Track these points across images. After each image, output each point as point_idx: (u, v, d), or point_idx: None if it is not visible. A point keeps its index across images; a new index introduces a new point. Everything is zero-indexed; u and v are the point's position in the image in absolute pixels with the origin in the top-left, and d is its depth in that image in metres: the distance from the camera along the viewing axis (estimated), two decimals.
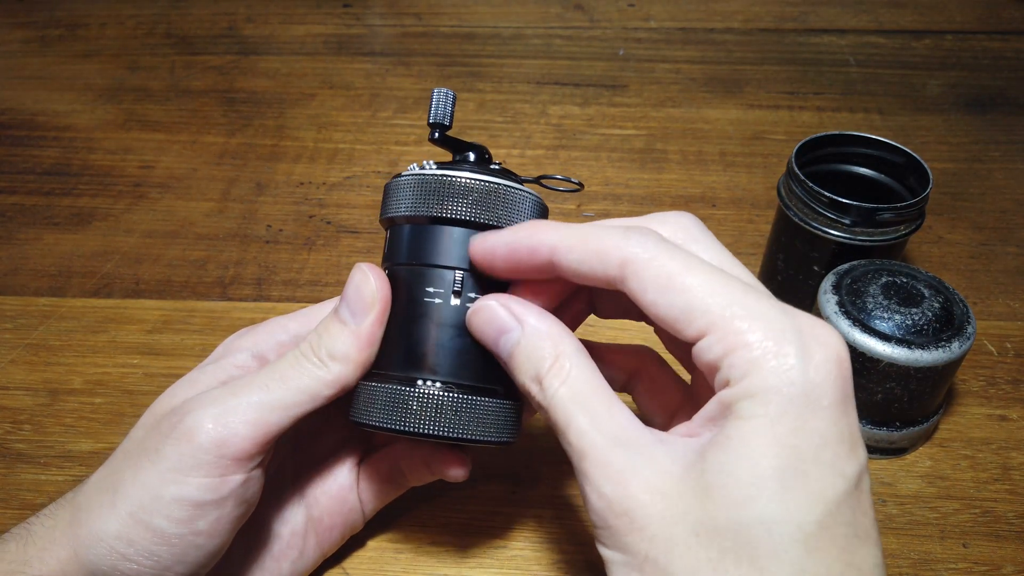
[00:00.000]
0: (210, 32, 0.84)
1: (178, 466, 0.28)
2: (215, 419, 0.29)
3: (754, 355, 0.24)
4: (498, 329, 0.30)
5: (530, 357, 0.29)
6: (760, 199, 0.62)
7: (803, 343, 0.24)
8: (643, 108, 0.73)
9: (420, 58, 0.80)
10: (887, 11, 0.87)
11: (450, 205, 0.31)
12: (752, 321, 0.25)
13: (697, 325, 0.25)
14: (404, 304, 0.32)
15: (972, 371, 0.49)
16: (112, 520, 0.28)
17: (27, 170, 0.66)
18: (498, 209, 0.32)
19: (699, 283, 0.26)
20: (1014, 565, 0.39)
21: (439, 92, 0.34)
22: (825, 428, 0.24)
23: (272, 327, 0.36)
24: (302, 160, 0.66)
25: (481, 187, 0.31)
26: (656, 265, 0.26)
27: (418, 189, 0.32)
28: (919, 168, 0.48)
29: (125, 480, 0.29)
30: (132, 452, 0.30)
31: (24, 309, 0.53)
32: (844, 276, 0.43)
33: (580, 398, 0.27)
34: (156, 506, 0.28)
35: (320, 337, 0.31)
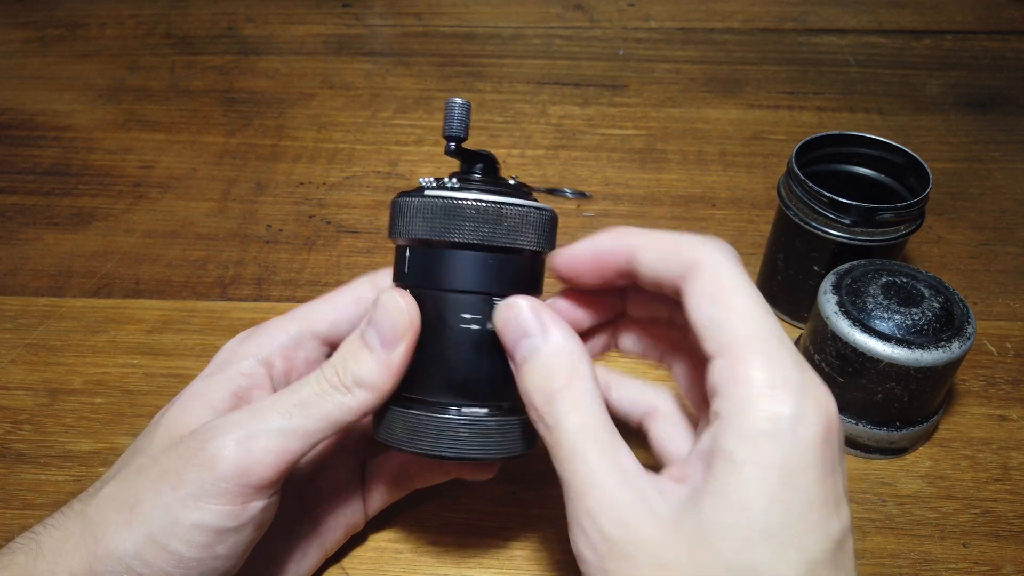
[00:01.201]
0: (210, 32, 0.84)
1: (199, 493, 0.28)
2: (237, 446, 0.28)
3: (751, 393, 0.25)
4: (521, 331, 0.29)
5: (545, 369, 0.28)
6: (760, 199, 0.62)
7: (801, 397, 0.25)
8: (643, 108, 0.73)
9: (420, 58, 0.80)
10: (887, 11, 0.87)
11: (485, 231, 0.31)
12: (764, 360, 0.25)
13: (718, 343, 0.26)
14: (436, 329, 0.31)
15: (972, 371, 0.49)
16: (129, 540, 0.28)
17: (27, 170, 0.66)
18: (533, 234, 0.32)
19: (743, 308, 0.26)
20: (1014, 565, 0.39)
21: (454, 104, 0.32)
22: (812, 488, 0.24)
23: (272, 330, 0.35)
24: (302, 160, 0.66)
25: (519, 214, 0.31)
26: (719, 273, 0.27)
27: (450, 214, 0.30)
28: (919, 168, 0.48)
29: (143, 501, 0.29)
30: (148, 470, 0.30)
31: (24, 309, 0.53)
32: (844, 276, 0.43)
33: (590, 429, 0.27)
34: (175, 530, 0.28)
35: (346, 362, 0.30)
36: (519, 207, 0.31)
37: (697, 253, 0.28)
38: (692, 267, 0.28)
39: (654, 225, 0.59)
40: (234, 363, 0.33)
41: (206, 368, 0.34)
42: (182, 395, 0.33)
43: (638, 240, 0.30)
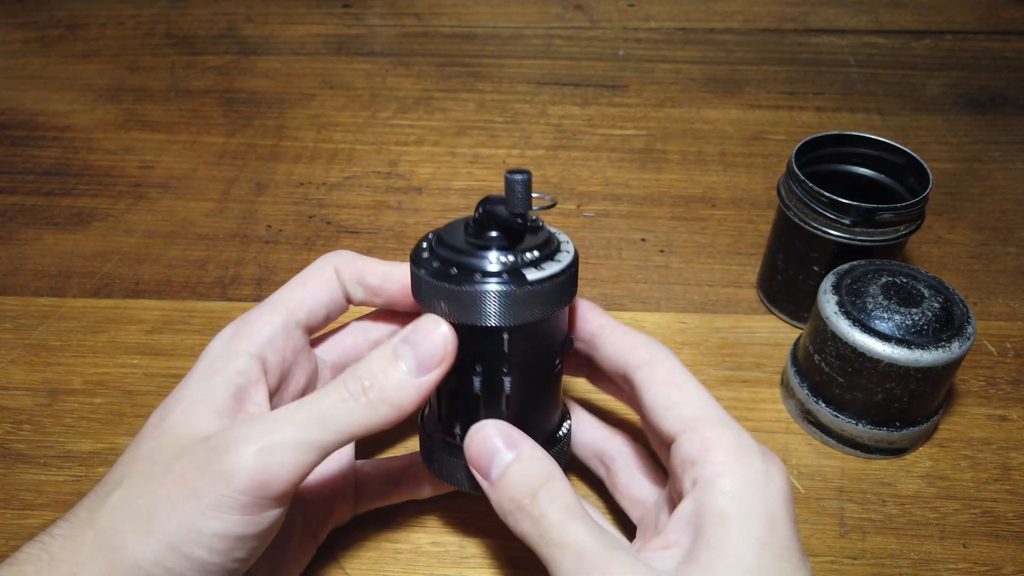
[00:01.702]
0: (210, 32, 0.84)
1: (218, 505, 0.28)
2: (255, 460, 0.28)
3: (728, 458, 0.29)
4: (493, 451, 0.32)
5: (524, 477, 0.31)
6: (760, 199, 0.62)
7: (765, 460, 0.29)
8: (643, 108, 0.73)
9: (420, 58, 0.80)
10: (887, 11, 0.87)
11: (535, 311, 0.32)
12: (730, 432, 0.30)
13: (683, 421, 0.30)
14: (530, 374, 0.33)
15: (972, 371, 0.49)
16: (149, 549, 0.28)
17: (27, 170, 0.66)
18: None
19: (699, 393, 0.31)
20: (1014, 565, 0.39)
21: (515, 179, 0.30)
22: (789, 534, 0.28)
23: (259, 324, 0.34)
24: (302, 160, 0.66)
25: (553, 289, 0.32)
26: (673, 366, 0.32)
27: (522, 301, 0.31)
28: (919, 168, 0.48)
29: (160, 510, 0.29)
30: (160, 478, 0.30)
31: (24, 309, 0.53)
32: (844, 276, 0.43)
33: (577, 513, 0.29)
34: (197, 539, 0.28)
35: (375, 376, 0.30)
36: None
37: (653, 350, 0.33)
38: (649, 360, 0.32)
39: (654, 225, 0.60)
40: (229, 362, 0.33)
41: (197, 368, 0.33)
42: (183, 399, 0.32)
43: (603, 321, 0.35)
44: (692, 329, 0.52)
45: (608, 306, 0.53)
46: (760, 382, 0.48)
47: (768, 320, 0.53)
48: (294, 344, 0.35)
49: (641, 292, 0.55)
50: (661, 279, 0.56)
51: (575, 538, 0.28)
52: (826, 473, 0.44)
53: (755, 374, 0.49)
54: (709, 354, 0.50)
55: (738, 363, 0.50)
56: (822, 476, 0.43)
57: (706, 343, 0.51)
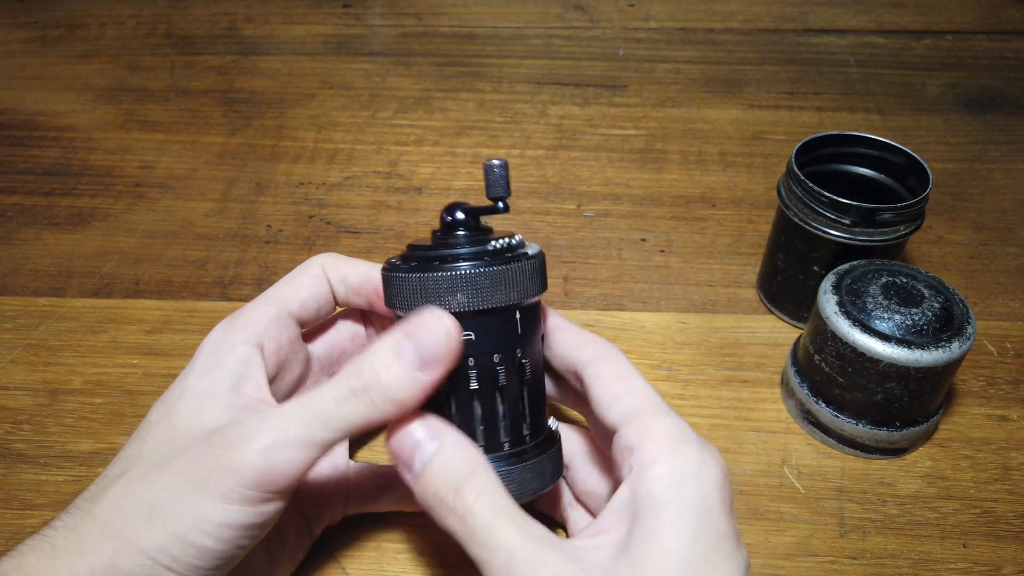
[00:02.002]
0: (210, 32, 0.84)
1: (225, 497, 0.29)
2: (261, 457, 0.29)
3: (664, 447, 0.29)
4: (415, 443, 0.31)
5: (448, 469, 0.30)
6: (760, 199, 0.62)
7: (702, 450, 0.29)
8: (643, 108, 0.73)
9: (420, 58, 0.80)
10: (887, 11, 0.87)
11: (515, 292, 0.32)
12: (671, 422, 0.30)
13: (624, 413, 0.31)
14: (492, 381, 0.33)
15: (972, 371, 0.49)
16: (155, 536, 0.29)
17: (27, 170, 0.66)
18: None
19: (640, 386, 0.32)
20: (1014, 565, 0.39)
21: (493, 164, 0.33)
22: (722, 522, 0.28)
23: (254, 315, 0.35)
24: (302, 160, 0.66)
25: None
26: (618, 362, 0.33)
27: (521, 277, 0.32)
28: (919, 168, 0.48)
29: (167, 501, 0.29)
30: (164, 469, 0.30)
31: (24, 309, 0.53)
32: (844, 276, 0.43)
33: (501, 507, 0.29)
34: (203, 528, 0.29)
35: (376, 373, 0.30)
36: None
37: (599, 348, 0.34)
38: (597, 356, 0.33)
39: (654, 225, 0.60)
40: (228, 353, 0.34)
41: (196, 361, 0.34)
42: (186, 393, 0.33)
43: (555, 321, 0.35)
44: (692, 329, 0.52)
45: (608, 306, 0.53)
46: (760, 382, 0.48)
47: (768, 320, 0.53)
48: (289, 334, 0.36)
49: (641, 292, 0.55)
50: (661, 279, 0.56)
51: (504, 538, 0.28)
52: (826, 473, 0.44)
53: (755, 374, 0.49)
54: (709, 354, 0.50)
55: (738, 363, 0.50)
56: (822, 476, 0.43)
57: (706, 343, 0.51)
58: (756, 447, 0.45)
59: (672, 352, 0.50)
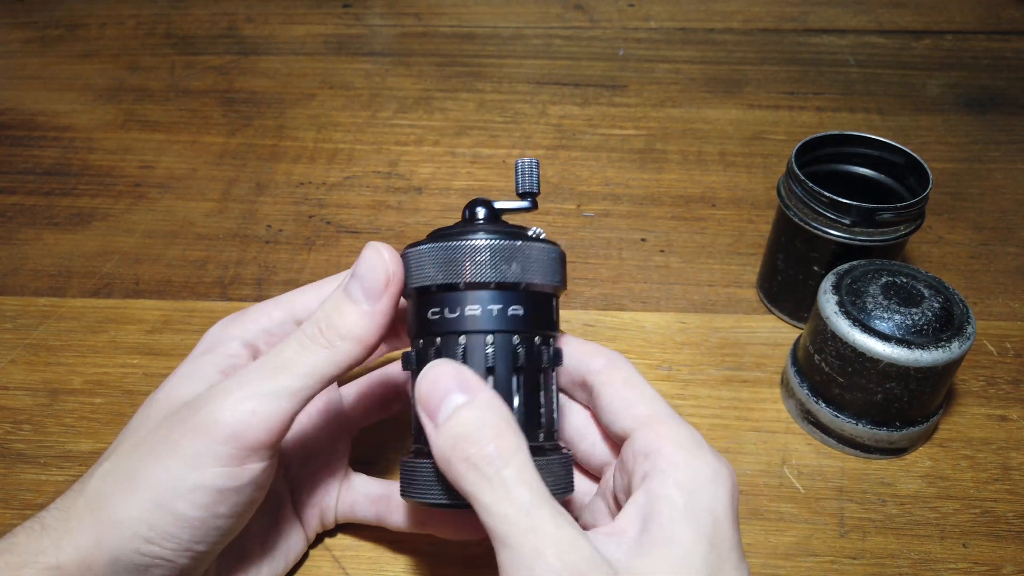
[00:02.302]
0: (210, 32, 0.84)
1: (197, 456, 0.29)
2: (230, 411, 0.29)
3: (681, 453, 0.29)
4: (444, 391, 0.28)
5: (477, 423, 0.27)
6: (760, 199, 0.62)
7: (717, 460, 0.29)
8: (643, 108, 0.73)
9: (420, 58, 0.80)
10: (887, 11, 0.87)
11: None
12: (682, 429, 0.30)
13: (638, 419, 0.31)
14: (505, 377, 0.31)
15: (972, 371, 0.49)
16: (133, 506, 0.29)
17: (27, 170, 0.66)
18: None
19: (651, 394, 0.32)
20: (1014, 565, 0.39)
21: (524, 162, 0.34)
22: (732, 533, 0.28)
23: (256, 315, 0.36)
24: (302, 160, 0.66)
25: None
26: (628, 371, 0.33)
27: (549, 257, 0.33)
28: (919, 168, 0.48)
29: (142, 468, 0.30)
30: (144, 443, 0.31)
31: (24, 309, 0.53)
32: (844, 276, 0.43)
33: (536, 488, 0.26)
34: (177, 492, 0.29)
35: (329, 316, 0.31)
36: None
37: (608, 357, 0.33)
38: (606, 365, 0.33)
39: (654, 225, 0.60)
40: (221, 345, 0.34)
41: (194, 350, 0.35)
42: (173, 376, 0.34)
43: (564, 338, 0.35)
44: (692, 329, 0.52)
45: (608, 306, 0.53)
46: (760, 382, 0.48)
47: (768, 320, 0.53)
48: None
49: (641, 292, 0.55)
50: (661, 279, 0.56)
51: (533, 512, 0.26)
52: (826, 473, 0.44)
53: (755, 374, 0.49)
54: (709, 354, 0.50)
55: (738, 363, 0.50)
56: (822, 476, 0.43)
57: (706, 343, 0.51)
58: (756, 447, 0.45)
59: (672, 352, 0.50)
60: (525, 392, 0.31)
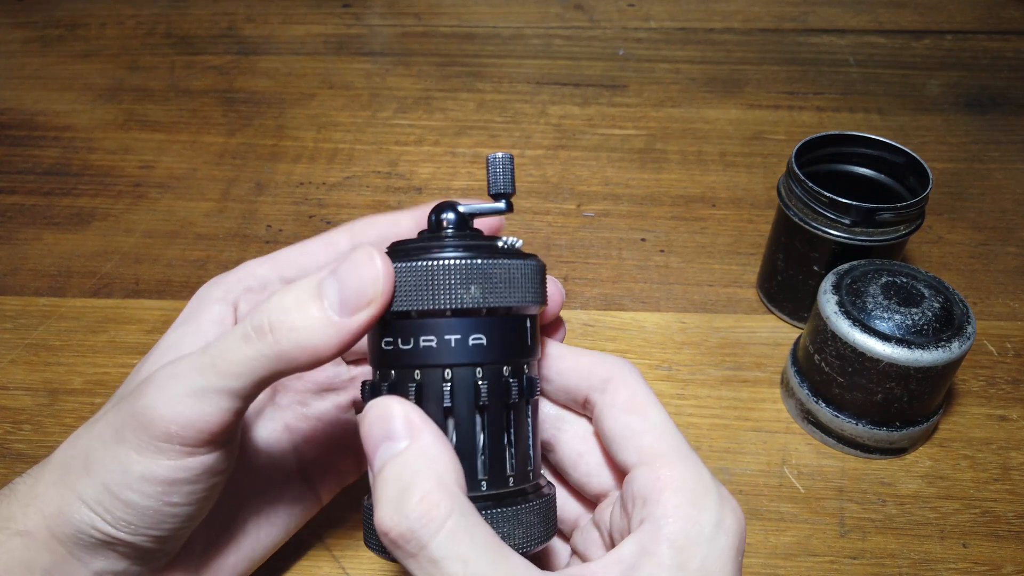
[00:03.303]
0: (210, 32, 0.84)
1: (140, 449, 0.27)
2: (164, 409, 0.27)
3: (679, 500, 0.26)
4: (385, 433, 0.25)
5: (403, 477, 0.24)
6: (760, 199, 0.62)
7: (721, 506, 0.26)
8: (643, 108, 0.73)
9: (420, 58, 0.80)
10: (887, 11, 0.87)
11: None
12: (688, 470, 0.27)
13: (641, 453, 0.28)
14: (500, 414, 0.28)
15: (972, 371, 0.49)
16: (89, 487, 0.28)
17: (27, 170, 0.66)
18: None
19: (658, 420, 0.28)
20: (1014, 565, 0.39)
21: (496, 158, 0.30)
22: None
23: (241, 274, 0.34)
24: (302, 160, 0.66)
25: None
26: (633, 388, 0.29)
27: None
28: (919, 168, 0.48)
29: (98, 451, 0.28)
30: (103, 422, 0.29)
31: (24, 309, 0.53)
32: (844, 276, 0.43)
33: (464, 546, 0.23)
34: (126, 481, 0.28)
35: (287, 314, 0.25)
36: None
37: (611, 370, 0.29)
38: (606, 381, 0.29)
39: (654, 225, 0.60)
40: (203, 310, 0.33)
41: (181, 314, 0.33)
42: (158, 346, 0.32)
43: (550, 350, 0.31)
44: (692, 329, 0.52)
45: (608, 306, 0.53)
46: (760, 382, 0.48)
47: (768, 320, 0.53)
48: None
49: (641, 292, 0.55)
50: (661, 279, 0.56)
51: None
52: (826, 473, 0.44)
53: (755, 374, 0.49)
54: (709, 354, 0.50)
55: (738, 363, 0.50)
56: (822, 476, 0.43)
57: (706, 343, 0.51)
58: (756, 447, 0.45)
59: (672, 352, 0.50)
60: (490, 433, 0.27)
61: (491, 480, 0.28)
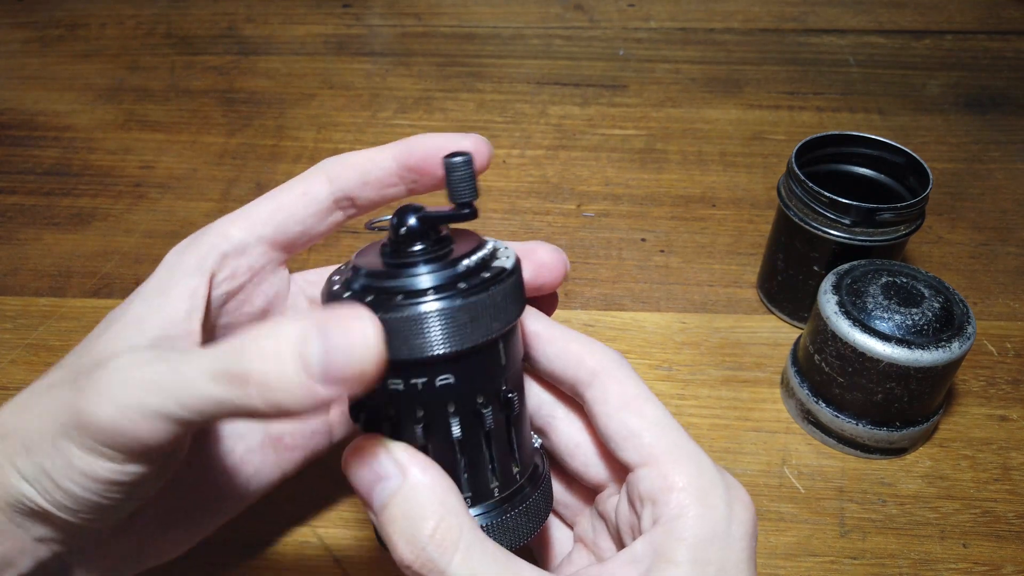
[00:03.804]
0: (210, 32, 0.84)
1: (83, 446, 0.25)
2: (111, 416, 0.24)
3: (687, 499, 0.26)
4: (376, 475, 0.26)
5: (410, 512, 0.25)
6: (760, 199, 0.62)
7: (730, 499, 0.27)
8: (643, 108, 0.73)
9: (420, 58, 0.80)
10: (887, 11, 0.87)
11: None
12: (693, 467, 0.27)
13: (642, 453, 0.27)
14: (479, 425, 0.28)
15: (972, 371, 0.49)
16: (27, 466, 0.26)
17: (27, 170, 0.66)
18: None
19: (655, 416, 0.28)
20: (1014, 565, 0.39)
21: (455, 162, 0.27)
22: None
23: (213, 237, 0.32)
24: (302, 160, 0.66)
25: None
26: (625, 383, 0.29)
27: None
28: (919, 168, 0.48)
29: (37, 437, 0.26)
30: (54, 390, 0.27)
31: (24, 309, 0.53)
32: (844, 276, 0.43)
33: (476, 560, 0.25)
34: (67, 472, 0.26)
35: (265, 366, 0.22)
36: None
37: (600, 363, 0.29)
38: (594, 375, 0.29)
39: (654, 225, 0.60)
40: (175, 283, 0.30)
41: (150, 280, 0.31)
42: (123, 315, 0.30)
43: (537, 327, 0.30)
44: (692, 329, 0.52)
45: (608, 306, 0.54)
46: (760, 382, 0.48)
47: (768, 320, 0.53)
48: (251, 261, 0.32)
49: (641, 292, 0.55)
50: (661, 279, 0.56)
51: None
52: (826, 473, 0.44)
53: (755, 374, 0.49)
54: (709, 354, 0.50)
55: (738, 363, 0.50)
56: (822, 476, 0.43)
57: (706, 343, 0.51)
58: (756, 447, 0.45)
59: (672, 352, 0.50)
60: (468, 457, 0.28)
61: (475, 496, 0.28)
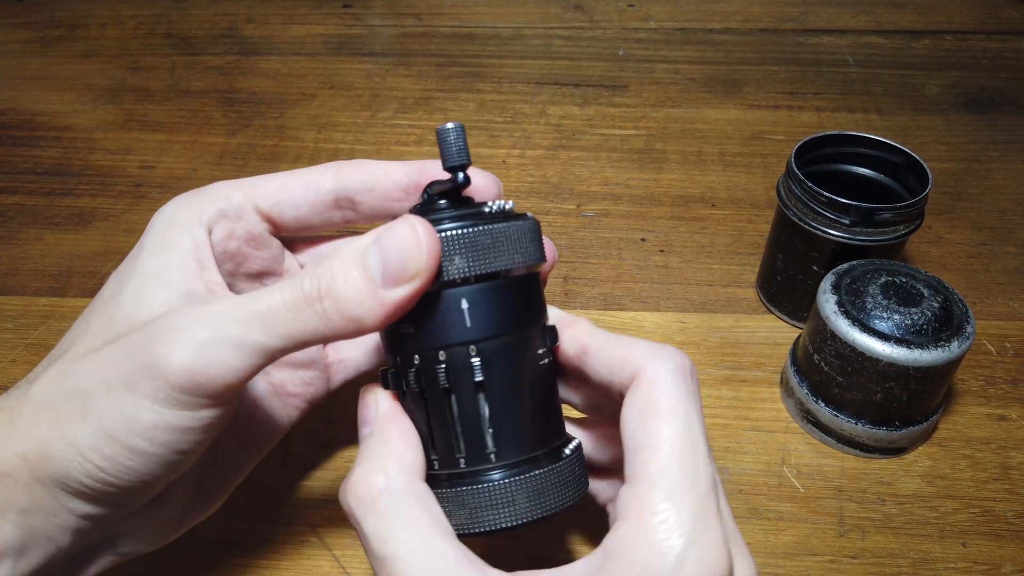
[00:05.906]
0: (210, 32, 0.84)
1: (154, 398, 0.26)
2: (191, 357, 0.25)
3: (642, 532, 0.24)
4: (361, 419, 0.29)
5: (361, 456, 0.27)
6: (760, 199, 0.62)
7: (687, 547, 0.24)
8: (643, 108, 0.73)
9: (420, 58, 0.80)
10: (887, 11, 0.87)
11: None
12: (667, 501, 0.25)
13: (632, 469, 0.26)
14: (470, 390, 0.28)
15: (971, 371, 0.49)
16: (85, 433, 0.26)
17: (27, 170, 0.66)
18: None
19: (666, 436, 0.26)
20: (1013, 564, 0.40)
21: (447, 129, 0.28)
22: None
23: (214, 196, 0.32)
24: (302, 160, 0.66)
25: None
26: (655, 393, 0.27)
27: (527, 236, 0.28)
28: (918, 168, 0.48)
29: (96, 395, 0.27)
30: (98, 357, 0.27)
31: (24, 309, 0.53)
32: (844, 276, 0.43)
33: (398, 517, 0.26)
34: (134, 429, 0.26)
35: (335, 282, 0.25)
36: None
37: (641, 365, 0.27)
38: (633, 375, 0.27)
39: (654, 225, 0.60)
40: (185, 233, 0.31)
41: (149, 236, 0.31)
42: (136, 272, 0.30)
43: (588, 339, 0.30)
44: (692, 329, 0.52)
45: (608, 306, 0.54)
46: (760, 382, 0.48)
47: (768, 320, 0.53)
48: (248, 226, 0.33)
49: (641, 292, 0.55)
50: (661, 279, 0.56)
51: (403, 564, 0.25)
52: (826, 473, 0.44)
53: (755, 374, 0.49)
54: (709, 354, 0.50)
55: (738, 363, 0.50)
56: (822, 476, 0.43)
57: (706, 343, 0.51)
58: (755, 447, 0.45)
59: None
60: (439, 415, 0.28)
61: (441, 461, 0.28)
